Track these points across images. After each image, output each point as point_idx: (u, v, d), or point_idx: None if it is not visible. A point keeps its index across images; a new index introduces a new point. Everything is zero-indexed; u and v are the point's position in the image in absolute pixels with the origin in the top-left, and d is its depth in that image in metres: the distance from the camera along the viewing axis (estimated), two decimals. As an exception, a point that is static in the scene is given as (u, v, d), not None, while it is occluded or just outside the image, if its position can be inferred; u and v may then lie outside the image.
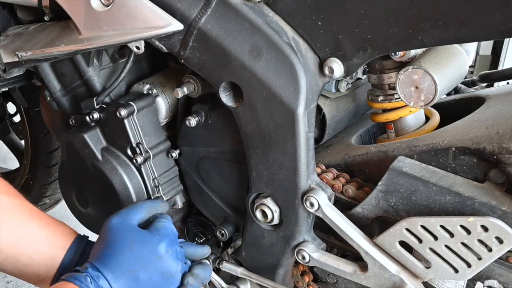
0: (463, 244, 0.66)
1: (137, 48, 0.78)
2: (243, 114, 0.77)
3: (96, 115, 0.89)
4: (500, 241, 0.63)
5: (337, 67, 0.72)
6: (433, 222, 0.67)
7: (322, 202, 0.77)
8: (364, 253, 0.76)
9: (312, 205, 0.77)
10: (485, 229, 0.63)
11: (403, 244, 0.72)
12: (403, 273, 0.74)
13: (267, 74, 0.72)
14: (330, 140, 0.96)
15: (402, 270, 0.74)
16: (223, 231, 0.95)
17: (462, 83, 1.10)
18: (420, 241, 0.69)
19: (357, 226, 0.77)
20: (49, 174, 1.62)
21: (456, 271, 0.68)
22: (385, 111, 0.85)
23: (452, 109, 0.93)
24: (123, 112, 0.85)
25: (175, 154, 0.95)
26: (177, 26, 0.73)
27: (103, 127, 0.91)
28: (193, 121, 0.88)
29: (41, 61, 0.89)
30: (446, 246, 0.68)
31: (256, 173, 0.82)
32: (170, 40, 0.76)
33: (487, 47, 2.47)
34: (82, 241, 0.77)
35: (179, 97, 0.85)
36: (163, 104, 0.93)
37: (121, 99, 0.90)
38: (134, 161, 0.89)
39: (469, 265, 0.67)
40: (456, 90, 1.08)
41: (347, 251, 0.85)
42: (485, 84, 1.12)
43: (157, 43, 0.77)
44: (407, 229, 0.70)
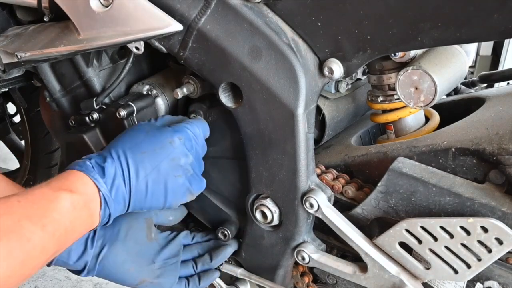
0: (463, 245, 0.66)
1: (137, 48, 0.77)
2: (243, 114, 0.77)
3: (95, 116, 0.89)
4: (500, 242, 0.63)
5: (336, 67, 0.71)
6: (433, 223, 0.67)
7: (321, 203, 0.77)
8: (363, 254, 0.76)
9: (311, 206, 0.77)
10: (485, 230, 0.63)
11: (403, 245, 0.72)
12: (402, 274, 0.74)
13: (266, 74, 0.72)
14: (330, 141, 0.96)
15: (402, 271, 0.74)
16: (225, 232, 0.93)
17: (462, 83, 1.11)
18: (419, 242, 0.69)
19: (357, 227, 0.76)
20: (49, 174, 1.63)
21: (456, 272, 0.68)
22: (385, 111, 0.85)
23: (452, 110, 0.93)
24: (123, 113, 0.85)
25: None
26: (177, 26, 0.73)
27: (102, 128, 0.90)
28: None
29: (40, 62, 0.88)
30: (446, 247, 0.67)
31: (255, 174, 0.82)
32: (170, 40, 0.76)
33: (487, 47, 2.48)
34: None
35: (178, 97, 0.85)
36: (162, 105, 0.93)
37: (121, 99, 0.90)
38: (134, 161, 0.89)
39: (469, 266, 0.67)
40: (456, 91, 1.08)
41: (346, 252, 0.85)
42: (485, 84, 1.12)
43: (156, 43, 0.77)
44: (407, 230, 0.70)
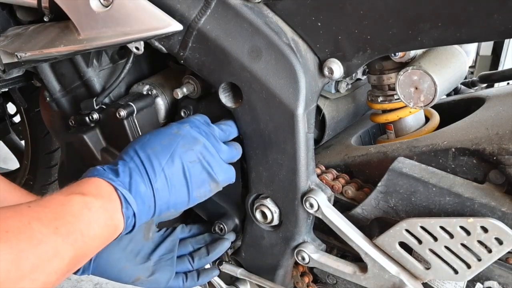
0: (463, 245, 0.66)
1: (137, 48, 0.78)
2: (243, 114, 0.77)
3: (95, 116, 0.89)
4: (500, 242, 0.63)
5: (336, 67, 0.71)
6: (433, 223, 0.67)
7: (321, 203, 0.77)
8: (363, 254, 0.75)
9: (311, 206, 0.77)
10: (485, 230, 0.63)
11: (403, 245, 0.72)
12: (402, 274, 0.74)
13: (266, 74, 0.72)
14: (330, 141, 0.96)
15: (402, 271, 0.74)
16: (221, 226, 0.91)
17: (462, 83, 1.10)
18: (419, 242, 0.69)
19: (357, 227, 0.76)
20: (49, 174, 1.63)
21: (456, 272, 0.68)
22: (385, 111, 0.85)
23: (452, 110, 0.93)
24: (123, 113, 0.85)
25: None
26: (177, 26, 0.73)
27: (102, 128, 0.91)
28: (182, 115, 0.88)
29: (40, 62, 0.88)
30: (446, 247, 0.67)
31: (255, 174, 0.82)
32: (170, 40, 0.76)
33: (487, 47, 2.48)
34: None
35: (178, 97, 0.85)
36: (162, 105, 0.93)
37: (121, 99, 0.90)
38: (134, 161, 0.89)
39: (468, 266, 0.67)
40: (456, 91, 1.08)
41: (346, 252, 0.85)
42: (485, 84, 1.12)
43: (156, 43, 0.77)
44: (407, 230, 0.70)
